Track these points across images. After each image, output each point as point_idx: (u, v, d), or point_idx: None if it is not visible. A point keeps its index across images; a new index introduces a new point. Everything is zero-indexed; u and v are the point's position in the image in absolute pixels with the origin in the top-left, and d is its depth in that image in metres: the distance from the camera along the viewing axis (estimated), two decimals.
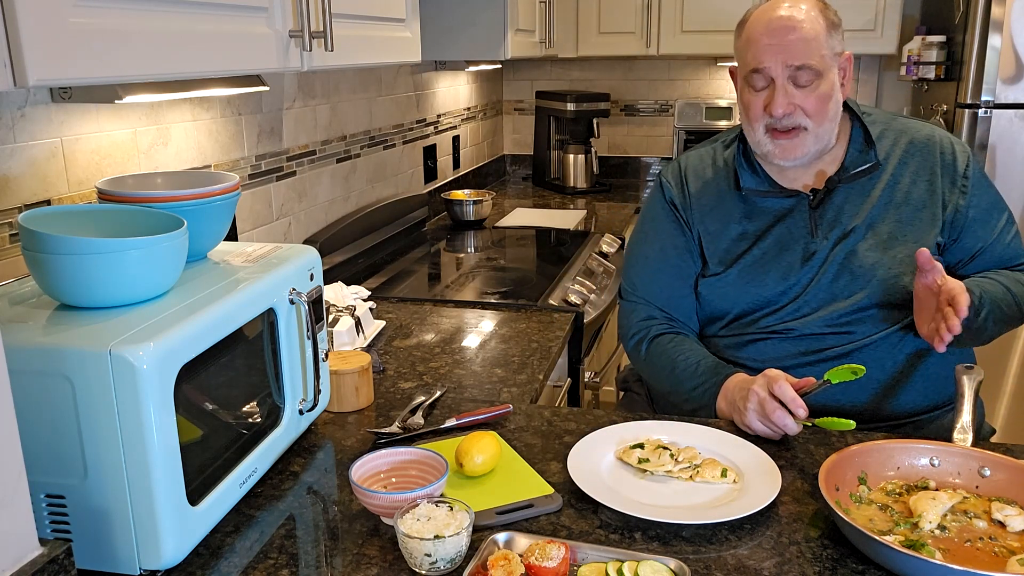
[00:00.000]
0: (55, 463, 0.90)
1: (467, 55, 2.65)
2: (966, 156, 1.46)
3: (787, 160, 1.42)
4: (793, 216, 1.46)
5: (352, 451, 1.25)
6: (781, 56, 1.36)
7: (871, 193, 1.44)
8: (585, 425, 1.32)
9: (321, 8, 1.31)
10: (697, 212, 1.53)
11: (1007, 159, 2.84)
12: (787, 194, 1.47)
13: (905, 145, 1.47)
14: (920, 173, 1.45)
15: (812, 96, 1.38)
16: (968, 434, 1.19)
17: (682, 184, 1.56)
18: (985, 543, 1.00)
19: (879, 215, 1.43)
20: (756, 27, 1.41)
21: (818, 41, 1.37)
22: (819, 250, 1.44)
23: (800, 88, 1.38)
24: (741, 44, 1.44)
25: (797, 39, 1.36)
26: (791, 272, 1.44)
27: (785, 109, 1.38)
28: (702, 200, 1.53)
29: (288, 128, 2.04)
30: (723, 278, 1.49)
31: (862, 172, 1.44)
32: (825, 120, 1.40)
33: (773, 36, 1.38)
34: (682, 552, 0.99)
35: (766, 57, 1.38)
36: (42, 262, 0.93)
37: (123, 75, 0.93)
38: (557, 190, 3.65)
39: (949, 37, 3.00)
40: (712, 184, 1.54)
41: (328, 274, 2.10)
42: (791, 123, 1.39)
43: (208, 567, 0.98)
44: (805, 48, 1.36)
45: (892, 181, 1.45)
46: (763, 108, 1.40)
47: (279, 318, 1.15)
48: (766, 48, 1.38)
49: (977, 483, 1.10)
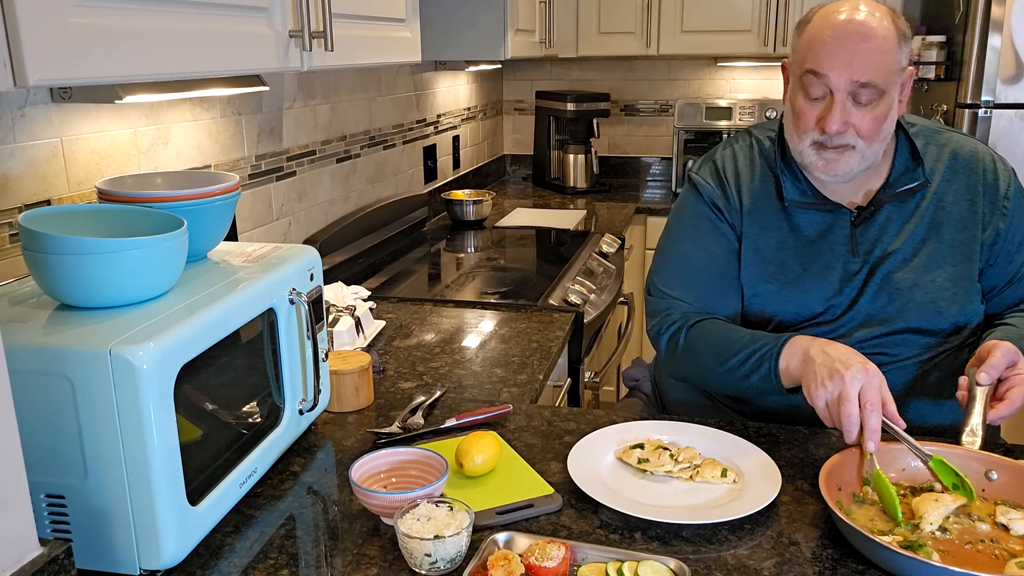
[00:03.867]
0: (55, 463, 0.90)
1: (467, 55, 2.65)
2: (1008, 175, 1.40)
3: (829, 175, 1.33)
4: (834, 232, 1.40)
5: (352, 451, 1.25)
6: (848, 70, 1.25)
7: (915, 212, 1.38)
8: (585, 425, 1.32)
9: (321, 8, 1.31)
10: (740, 215, 1.45)
11: (1007, 159, 2.82)
12: (830, 207, 1.39)
13: (948, 161, 1.39)
14: (963, 192, 1.38)
15: (869, 116, 1.28)
16: (977, 437, 1.17)
17: (724, 185, 1.46)
18: (987, 546, 0.99)
19: (921, 235, 1.37)
20: (823, 27, 1.29)
21: (889, 55, 1.26)
22: (859, 270, 1.38)
23: (859, 105, 1.28)
24: (802, 43, 1.32)
25: (868, 51, 1.25)
26: (831, 290, 1.39)
27: (840, 128, 1.28)
28: (745, 203, 1.45)
29: (288, 128, 2.04)
30: (765, 287, 1.42)
31: (909, 191, 1.37)
32: (876, 141, 1.31)
33: (842, 41, 1.26)
34: (682, 552, 0.99)
35: (831, 64, 1.26)
36: (42, 262, 0.93)
37: (123, 75, 0.92)
38: (557, 190, 3.65)
39: (949, 37, 3.00)
40: (753, 187, 1.45)
41: (328, 274, 2.10)
42: (841, 141, 1.29)
43: (208, 567, 0.98)
44: (875, 63, 1.25)
45: (936, 200, 1.38)
46: (816, 121, 1.30)
47: (279, 318, 1.15)
48: (833, 54, 1.26)
49: (983, 486, 1.09)
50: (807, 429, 1.31)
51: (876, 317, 1.38)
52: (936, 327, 1.37)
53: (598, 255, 2.54)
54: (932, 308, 1.36)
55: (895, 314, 1.37)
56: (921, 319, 1.37)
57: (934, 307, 1.36)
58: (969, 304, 1.38)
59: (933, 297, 1.36)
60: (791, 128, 1.36)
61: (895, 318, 1.37)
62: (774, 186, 1.43)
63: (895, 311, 1.37)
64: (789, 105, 1.37)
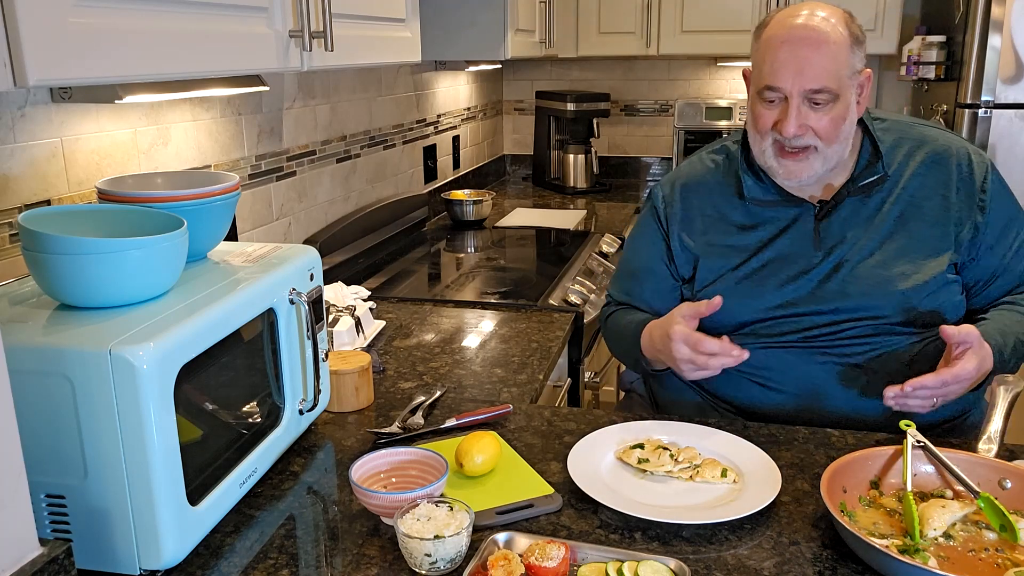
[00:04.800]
0: (55, 463, 0.90)
1: (467, 55, 2.65)
2: (984, 168, 1.40)
3: (792, 181, 1.38)
4: (797, 227, 1.42)
5: (352, 451, 1.25)
6: (800, 79, 1.29)
7: (881, 207, 1.39)
8: (585, 425, 1.32)
9: (321, 8, 1.31)
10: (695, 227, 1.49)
11: (1007, 159, 2.84)
12: (793, 203, 1.42)
13: (922, 156, 1.40)
14: (935, 187, 1.38)
15: (826, 118, 1.31)
16: (994, 444, 1.16)
17: (674, 197, 1.53)
18: (990, 554, 0.98)
19: (887, 229, 1.38)
20: (776, 35, 1.33)
21: (840, 61, 1.29)
22: (820, 263, 1.39)
23: (815, 108, 1.31)
24: (758, 51, 1.36)
25: (818, 58, 1.29)
26: (788, 284, 1.41)
27: (797, 131, 1.31)
28: (702, 212, 1.49)
29: (288, 128, 2.04)
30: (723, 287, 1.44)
31: (869, 184, 1.39)
32: (835, 142, 1.34)
33: (793, 50, 1.30)
34: (682, 552, 0.99)
35: (782, 76, 1.31)
36: (42, 262, 0.93)
37: (123, 75, 0.92)
38: (557, 190, 3.65)
39: (949, 37, 3.00)
40: (712, 194, 1.49)
41: (328, 274, 2.10)
42: (801, 144, 1.33)
43: (208, 567, 0.98)
44: (825, 70, 1.29)
45: (904, 194, 1.39)
46: (772, 124, 1.34)
47: (279, 318, 1.15)
48: (784, 64, 1.30)
49: (997, 495, 1.07)
50: (807, 429, 1.31)
51: (841, 311, 1.38)
52: (905, 319, 1.37)
53: (598, 255, 2.54)
54: (896, 300, 1.36)
55: (860, 307, 1.38)
56: (887, 309, 1.37)
57: (898, 299, 1.36)
58: (942, 296, 1.37)
59: (898, 289, 1.36)
60: (753, 132, 1.40)
61: (858, 309, 1.37)
62: (736, 187, 1.47)
63: (857, 303, 1.38)
64: (749, 110, 1.41)
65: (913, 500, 1.04)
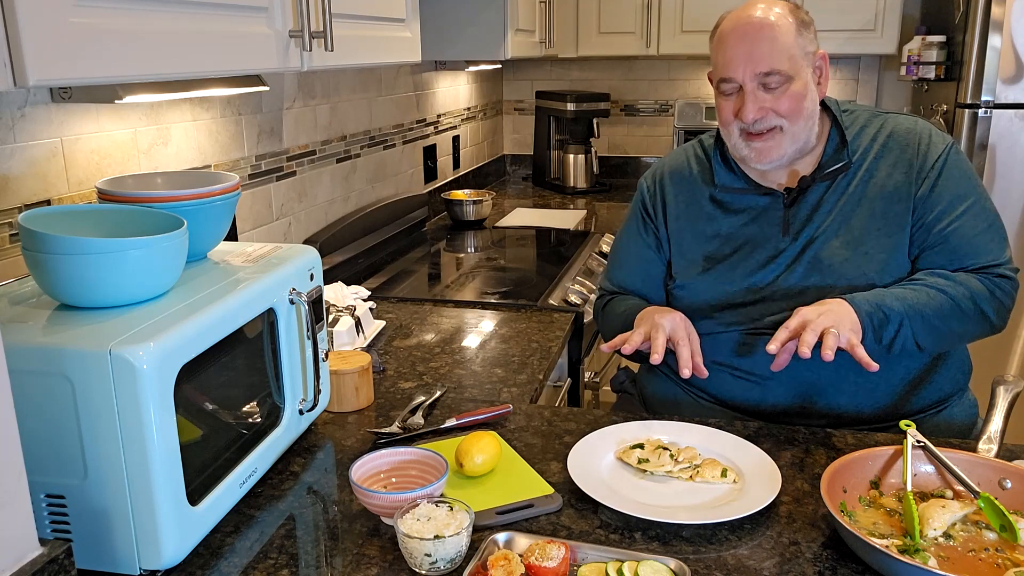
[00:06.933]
0: (55, 463, 0.90)
1: (467, 55, 2.65)
2: (943, 146, 1.41)
3: (764, 163, 1.40)
4: (767, 214, 1.45)
5: (352, 451, 1.25)
6: (749, 65, 1.35)
7: (846, 190, 1.42)
8: (585, 425, 1.32)
9: (321, 8, 1.31)
10: (670, 213, 1.54)
11: (1007, 159, 2.84)
12: (762, 192, 1.46)
13: (884, 139, 1.43)
14: (897, 165, 1.41)
15: (784, 97, 1.36)
16: (993, 444, 1.16)
17: (656, 187, 1.58)
18: (990, 554, 0.98)
19: (851, 211, 1.41)
20: (725, 31, 1.40)
21: (786, 43, 1.35)
22: (788, 248, 1.42)
23: (770, 91, 1.36)
24: (713, 49, 1.43)
25: (764, 42, 1.35)
26: (758, 270, 1.44)
27: (756, 115, 1.36)
28: (678, 200, 1.54)
29: (288, 128, 2.04)
30: (695, 276, 1.49)
31: (836, 171, 1.42)
32: (800, 119, 1.38)
33: (740, 41, 1.36)
34: (682, 552, 0.99)
35: (733, 65, 1.37)
36: (42, 262, 0.93)
37: (123, 75, 0.93)
38: (557, 190, 3.65)
39: (949, 37, 3.00)
40: (689, 183, 1.54)
41: (328, 274, 2.10)
42: (765, 125, 1.37)
43: (208, 567, 0.98)
44: (773, 52, 1.34)
45: (867, 176, 1.42)
46: (734, 114, 1.39)
47: (279, 318, 1.15)
48: (733, 56, 1.37)
49: (997, 495, 1.07)
50: (807, 429, 1.31)
51: (809, 295, 1.39)
52: None
53: (598, 255, 2.54)
54: (864, 281, 1.37)
55: (828, 289, 1.39)
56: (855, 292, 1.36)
57: (866, 280, 1.37)
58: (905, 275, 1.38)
59: (864, 270, 1.38)
60: (721, 126, 1.46)
61: (827, 293, 1.38)
62: (708, 176, 1.52)
63: (828, 286, 1.39)
64: (715, 102, 1.46)
65: (913, 500, 1.04)
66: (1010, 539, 1.01)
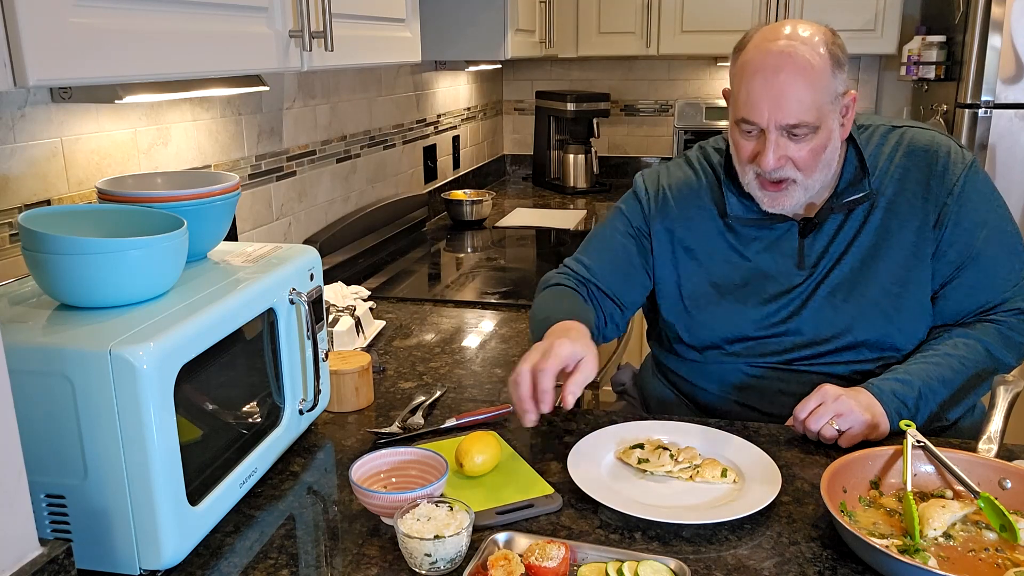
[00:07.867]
0: (55, 463, 0.90)
1: (467, 55, 2.65)
2: (962, 167, 1.34)
3: (775, 209, 1.34)
4: (780, 245, 1.39)
5: (352, 451, 1.25)
6: (776, 113, 1.24)
7: (865, 221, 1.36)
8: (585, 425, 1.32)
9: (321, 8, 1.31)
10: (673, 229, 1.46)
11: (1007, 159, 2.84)
12: (776, 220, 1.38)
13: (902, 158, 1.36)
14: (917, 189, 1.34)
15: (806, 148, 1.27)
16: (994, 444, 1.16)
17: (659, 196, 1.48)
18: (990, 554, 0.98)
19: (869, 242, 1.35)
20: (751, 61, 1.27)
21: (819, 89, 1.24)
22: (802, 284, 1.37)
23: (794, 139, 1.27)
24: (735, 76, 1.31)
25: (794, 91, 1.23)
26: (772, 304, 1.38)
27: (775, 164, 1.27)
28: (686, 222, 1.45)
29: (288, 128, 2.04)
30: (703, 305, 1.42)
31: (855, 201, 1.35)
32: (816, 172, 1.30)
33: (767, 85, 1.24)
34: (682, 552, 0.99)
35: (758, 110, 1.26)
36: (42, 262, 0.93)
37: (123, 75, 0.92)
38: (557, 190, 3.65)
39: (949, 37, 3.00)
40: (697, 205, 1.45)
41: (328, 274, 2.10)
42: (780, 175, 1.29)
43: (208, 567, 0.98)
44: (801, 103, 1.23)
45: (886, 204, 1.35)
46: (752, 157, 1.30)
47: (279, 318, 1.15)
48: (759, 97, 1.25)
49: (997, 495, 1.06)
50: None
51: (824, 328, 1.36)
52: (888, 340, 1.34)
53: None
54: (883, 319, 1.33)
55: (844, 328, 1.35)
56: (872, 331, 1.34)
57: (884, 317, 1.33)
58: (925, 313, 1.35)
59: (884, 305, 1.33)
60: (735, 158, 1.36)
61: (844, 332, 1.35)
62: (719, 203, 1.43)
63: (843, 324, 1.35)
64: (731, 135, 1.36)
65: (913, 500, 1.04)
66: (1010, 539, 1.01)
